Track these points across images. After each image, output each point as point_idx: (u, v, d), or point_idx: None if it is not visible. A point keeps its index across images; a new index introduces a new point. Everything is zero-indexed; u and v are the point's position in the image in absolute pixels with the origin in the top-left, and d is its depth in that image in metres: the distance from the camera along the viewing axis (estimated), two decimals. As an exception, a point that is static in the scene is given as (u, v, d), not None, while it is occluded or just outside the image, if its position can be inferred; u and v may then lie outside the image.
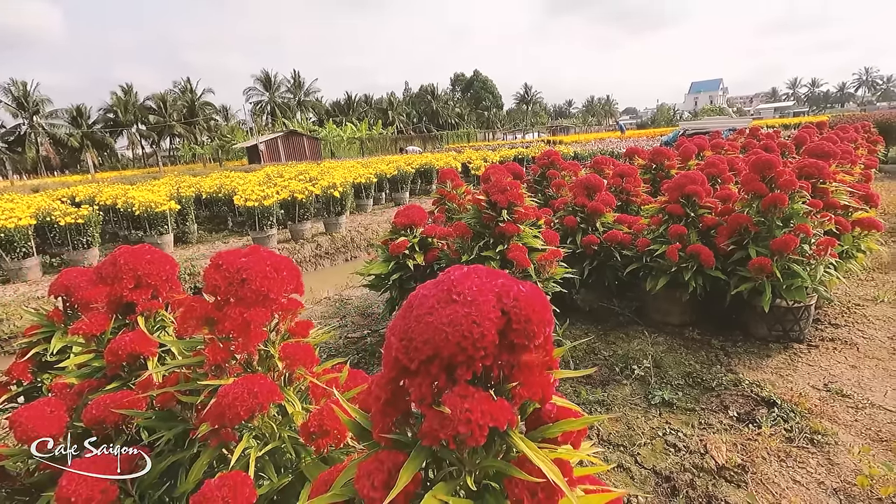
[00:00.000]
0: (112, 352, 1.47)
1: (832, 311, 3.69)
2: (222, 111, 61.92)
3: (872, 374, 2.81)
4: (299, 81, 63.32)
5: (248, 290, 1.22)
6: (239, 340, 1.22)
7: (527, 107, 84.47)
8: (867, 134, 9.42)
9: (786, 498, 1.93)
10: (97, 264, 1.64)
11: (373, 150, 42.47)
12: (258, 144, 34.12)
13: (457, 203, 4.44)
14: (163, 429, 1.29)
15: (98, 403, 1.36)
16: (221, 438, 1.20)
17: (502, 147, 23.90)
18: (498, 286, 0.72)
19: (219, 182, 10.87)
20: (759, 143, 7.30)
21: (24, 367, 1.92)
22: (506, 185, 3.05)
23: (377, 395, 0.76)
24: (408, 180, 12.67)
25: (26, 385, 1.95)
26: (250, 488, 1.04)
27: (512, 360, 0.73)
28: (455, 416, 0.66)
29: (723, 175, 4.03)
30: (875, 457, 2.13)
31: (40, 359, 1.95)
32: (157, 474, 1.24)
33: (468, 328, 0.67)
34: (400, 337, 0.71)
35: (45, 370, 1.96)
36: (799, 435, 2.30)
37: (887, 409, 2.47)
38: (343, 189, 8.86)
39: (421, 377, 0.71)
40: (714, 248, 3.25)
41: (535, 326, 0.70)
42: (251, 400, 1.12)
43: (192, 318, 1.23)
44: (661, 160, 5.30)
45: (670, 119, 69.50)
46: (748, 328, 3.35)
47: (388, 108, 65.74)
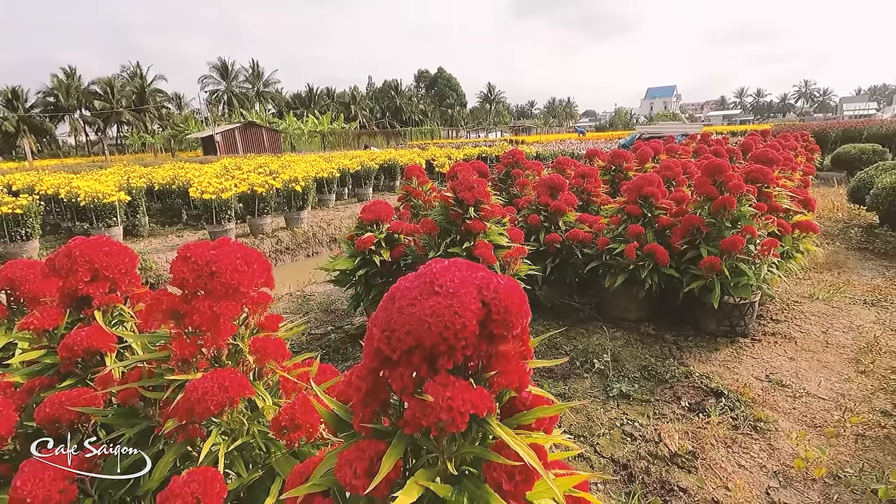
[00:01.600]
0: (67, 347, 1.40)
1: (773, 307, 3.95)
2: (175, 99, 59.28)
3: (808, 366, 3.03)
4: (258, 71, 61.45)
5: (218, 282, 1.20)
6: (208, 334, 1.19)
7: (490, 106, 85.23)
8: (806, 143, 10.06)
9: (732, 481, 2.06)
10: (50, 255, 1.56)
11: (335, 145, 41.73)
12: (214, 135, 32.83)
13: (423, 200, 4.45)
14: (124, 426, 1.24)
15: (52, 401, 1.30)
16: (188, 435, 1.17)
17: (466, 145, 24.04)
18: (478, 279, 0.74)
19: (172, 173, 10.42)
20: (709, 149, 7.68)
21: (-36, 365, 1.80)
22: (473, 183, 3.09)
23: (357, 385, 0.78)
24: (371, 176, 12.55)
25: (-35, 384, 1.83)
26: (220, 483, 1.03)
27: (491, 349, 0.75)
28: (437, 404, 0.68)
29: (677, 178, 4.22)
30: (810, 441, 2.30)
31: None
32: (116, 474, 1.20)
33: (450, 319, 0.69)
34: (382, 328, 0.73)
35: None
36: (744, 423, 2.46)
37: (821, 398, 2.67)
38: (305, 183, 8.69)
39: (403, 367, 0.72)
40: (669, 247, 3.40)
41: (513, 317, 0.73)
42: (221, 394, 1.09)
43: (158, 311, 1.19)
44: (619, 162, 5.49)
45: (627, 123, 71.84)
46: (699, 324, 3.53)
47: (351, 103, 64.72)
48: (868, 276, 4.64)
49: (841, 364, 3.03)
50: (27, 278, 1.83)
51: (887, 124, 17.35)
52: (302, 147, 40.10)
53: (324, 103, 64.71)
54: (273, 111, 59.84)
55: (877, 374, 2.88)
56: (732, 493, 1.99)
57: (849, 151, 11.73)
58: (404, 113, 69.10)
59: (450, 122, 72.42)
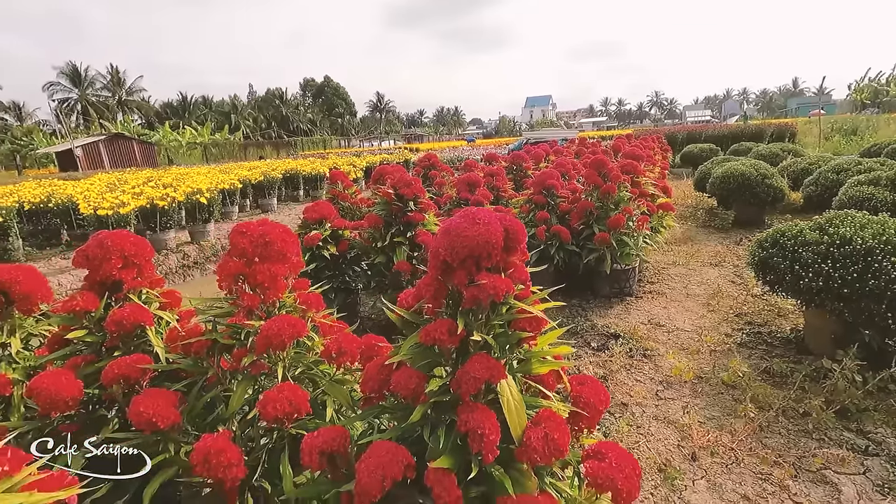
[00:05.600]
0: (116, 322, 1.63)
1: (648, 273, 4.93)
2: (13, 109, 51.44)
3: (676, 311, 3.94)
4: (119, 78, 55.46)
5: (272, 250, 1.55)
6: (268, 290, 1.53)
7: (380, 115, 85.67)
8: (661, 144, 12.01)
9: (632, 390, 2.77)
10: (81, 247, 1.74)
11: (218, 157, 39.13)
12: (74, 149, 29.14)
13: (350, 202, 4.80)
14: (199, 372, 1.53)
15: (119, 363, 1.53)
16: (259, 368, 1.50)
17: (363, 153, 24.21)
18: (499, 216, 1.23)
19: (45, 190, 9.38)
20: (587, 150, 8.94)
21: (-43, 367, 1.87)
22: (410, 181, 3.56)
23: (428, 287, 1.22)
24: (275, 186, 12.33)
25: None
26: (302, 391, 1.39)
27: (507, 257, 1.25)
28: (487, 285, 1.15)
29: (570, 172, 5.07)
30: (680, 359, 3.11)
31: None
32: (201, 406, 1.49)
33: (489, 237, 1.17)
34: (445, 246, 1.18)
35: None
36: (636, 353, 3.22)
37: (686, 331, 3.55)
38: (211, 195, 8.44)
39: (459, 269, 1.19)
40: (570, 228, 4.16)
41: (521, 237, 1.23)
42: (290, 330, 1.45)
43: (227, 273, 1.50)
44: (519, 163, 6.31)
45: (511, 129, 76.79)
46: (595, 289, 4.35)
47: (232, 112, 61.10)
48: (712, 246, 5.92)
49: (697, 307, 3.99)
50: (18, 280, 1.95)
51: (720, 128, 20.99)
52: (181, 160, 37.07)
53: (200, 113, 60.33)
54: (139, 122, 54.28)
55: (721, 311, 3.86)
56: (633, 397, 2.70)
57: (692, 150, 14.10)
58: (291, 122, 66.78)
59: (340, 132, 71.43)
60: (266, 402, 1.33)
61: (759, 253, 3.14)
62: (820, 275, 2.73)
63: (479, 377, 1.11)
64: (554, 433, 1.10)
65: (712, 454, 2.22)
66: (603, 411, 1.32)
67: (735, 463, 2.16)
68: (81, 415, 1.59)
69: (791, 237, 3.00)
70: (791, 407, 2.50)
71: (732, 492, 1.99)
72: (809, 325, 3.16)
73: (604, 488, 1.12)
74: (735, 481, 2.05)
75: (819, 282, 2.72)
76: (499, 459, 1.13)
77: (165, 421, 1.32)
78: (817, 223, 3.03)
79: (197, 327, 1.60)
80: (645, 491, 2.02)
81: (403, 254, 3.44)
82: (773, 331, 3.42)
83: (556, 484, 1.21)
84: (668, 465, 2.16)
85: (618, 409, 2.63)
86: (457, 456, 1.13)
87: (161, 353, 1.67)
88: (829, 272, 2.69)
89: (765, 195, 6.53)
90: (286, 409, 1.32)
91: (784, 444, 2.25)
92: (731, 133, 18.84)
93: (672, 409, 2.60)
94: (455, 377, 1.14)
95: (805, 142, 17.21)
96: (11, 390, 1.82)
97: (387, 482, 1.05)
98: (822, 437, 2.29)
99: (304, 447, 1.21)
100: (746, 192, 6.62)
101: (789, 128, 18.85)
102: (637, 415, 2.56)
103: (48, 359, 1.73)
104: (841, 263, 2.69)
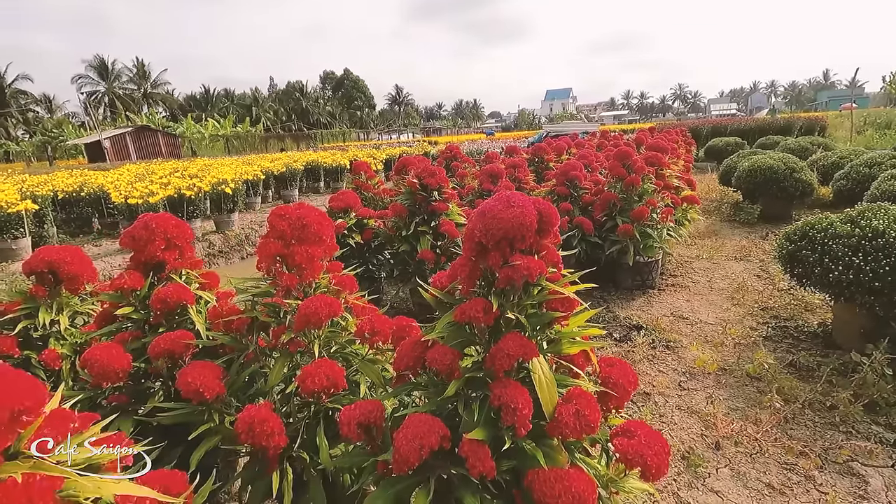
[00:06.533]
0: (160, 299, 1.71)
1: (671, 266, 4.89)
2: (44, 101, 52.85)
3: (699, 304, 3.91)
4: (145, 71, 56.52)
5: (309, 232, 1.60)
6: (305, 271, 1.59)
7: (399, 108, 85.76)
8: (684, 137, 11.79)
9: (655, 380, 2.78)
10: (128, 228, 1.82)
11: (239, 149, 39.63)
12: (102, 141, 29.92)
13: (372, 192, 4.87)
14: (240, 348, 1.60)
15: (165, 338, 1.62)
16: (297, 346, 1.56)
17: (382, 146, 24.32)
18: (533, 200, 1.26)
19: (79, 180, 9.69)
20: (609, 143, 8.85)
21: (12, 342, 1.97)
22: (434, 171, 3.60)
23: (462, 268, 1.26)
24: (297, 178, 12.51)
25: (16, 359, 2.00)
26: (339, 367, 1.45)
27: (540, 240, 1.28)
28: (521, 266, 1.19)
29: (592, 164, 5.04)
30: (704, 350, 3.10)
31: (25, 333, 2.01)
32: (242, 381, 1.56)
33: (523, 220, 1.20)
34: (480, 228, 1.22)
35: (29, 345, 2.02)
36: (659, 344, 3.22)
37: (709, 323, 3.53)
38: (235, 185, 8.61)
39: (494, 251, 1.22)
40: (592, 219, 4.16)
41: (553, 220, 1.26)
42: (327, 309, 1.51)
43: (267, 254, 1.57)
44: (541, 155, 6.29)
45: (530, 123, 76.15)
46: (617, 281, 4.34)
47: (253, 105, 61.84)
48: (737, 240, 5.83)
49: (721, 301, 3.96)
50: (66, 261, 2.04)
51: (746, 122, 20.51)
52: (203, 152, 37.72)
53: (223, 106, 61.17)
54: (164, 114, 55.31)
55: (745, 305, 3.82)
56: (656, 387, 2.70)
57: (717, 144, 13.83)
58: (311, 115, 67.30)
59: (359, 125, 71.69)
60: (305, 376, 1.39)
61: (787, 246, 3.10)
62: (850, 268, 2.69)
63: (512, 354, 1.15)
64: (585, 409, 1.13)
65: (736, 444, 2.22)
66: (632, 392, 1.35)
67: (759, 453, 2.16)
68: (129, 386, 1.68)
69: (821, 230, 2.96)
70: (818, 400, 2.48)
71: (756, 480, 2.00)
72: (838, 319, 3.11)
73: (633, 464, 1.15)
74: (759, 470, 2.05)
75: (849, 275, 2.68)
76: (529, 434, 1.17)
77: (211, 392, 1.39)
78: (848, 216, 2.98)
79: (234, 307, 1.67)
80: (668, 477, 2.04)
81: (427, 242, 3.49)
82: (799, 325, 3.38)
83: (586, 459, 1.25)
84: (691, 452, 2.17)
85: (641, 398, 2.64)
86: (489, 429, 1.17)
87: (202, 329, 1.74)
88: (859, 265, 2.65)
89: (793, 189, 6.39)
90: (324, 383, 1.38)
91: (810, 436, 2.25)
92: (758, 127, 18.38)
93: (695, 399, 2.60)
94: (489, 354, 1.19)
95: (836, 136, 16.70)
96: (60, 364, 1.93)
97: (424, 451, 1.10)
98: (849, 429, 2.27)
99: (343, 418, 1.26)
100: (773, 186, 6.49)
101: (819, 121, 18.31)
102: (660, 404, 2.57)
103: (97, 334, 1.82)
104: (872, 256, 2.64)
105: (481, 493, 1.17)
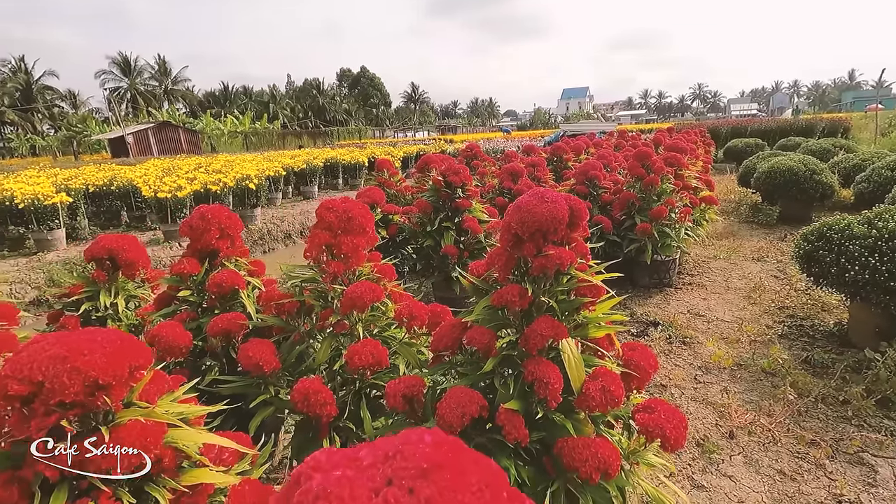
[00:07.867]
0: (216, 284, 1.87)
1: (689, 265, 4.96)
2: (69, 97, 54.08)
3: (716, 303, 3.99)
4: (166, 68, 57.52)
5: (355, 224, 1.75)
6: (351, 259, 1.73)
7: (415, 106, 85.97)
8: (703, 138, 11.74)
9: (672, 374, 2.88)
10: (186, 218, 1.99)
11: (258, 146, 40.13)
12: (125, 136, 30.59)
13: (395, 189, 5.01)
14: (288, 329, 1.75)
15: (222, 319, 1.78)
16: (342, 328, 1.71)
17: (398, 143, 24.52)
18: (565, 196, 1.38)
19: (109, 174, 10.03)
20: (627, 143, 8.88)
21: (76, 321, 2.15)
22: (458, 169, 3.73)
23: (499, 257, 1.39)
24: (317, 174, 12.74)
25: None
26: (382, 346, 1.59)
27: (570, 233, 1.40)
28: (554, 256, 1.31)
29: (611, 164, 5.12)
30: (720, 346, 3.19)
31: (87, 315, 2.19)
32: (293, 358, 1.71)
33: (556, 214, 1.33)
34: (517, 221, 1.35)
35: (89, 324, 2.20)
36: (675, 340, 3.32)
37: (725, 321, 3.61)
38: (259, 181, 8.84)
39: (529, 242, 1.35)
40: (611, 218, 4.25)
41: (583, 214, 1.38)
42: (371, 294, 1.65)
43: (317, 244, 1.71)
44: (560, 154, 6.38)
45: (546, 122, 75.79)
46: (635, 279, 4.42)
47: (271, 102, 62.52)
48: (754, 241, 5.86)
49: (738, 300, 4.02)
50: (124, 248, 2.21)
51: (766, 123, 20.25)
52: (222, 148, 38.26)
53: (241, 102, 61.97)
54: (184, 110, 56.24)
55: (762, 304, 3.88)
56: (672, 379, 2.81)
57: (736, 145, 13.73)
58: (328, 112, 67.78)
59: (375, 122, 72.04)
60: (353, 353, 1.54)
61: (805, 246, 3.17)
62: (866, 268, 2.75)
63: (545, 334, 1.28)
64: (610, 386, 1.26)
65: (749, 433, 2.32)
66: (652, 374, 1.47)
67: (772, 442, 2.25)
68: (189, 362, 1.84)
69: (838, 230, 3.02)
70: (831, 395, 2.56)
71: (769, 467, 2.10)
72: (854, 318, 3.17)
73: (654, 435, 1.27)
74: (772, 458, 2.15)
75: (865, 275, 2.75)
76: (559, 408, 1.30)
77: (269, 365, 1.54)
78: (866, 217, 3.04)
79: (285, 292, 1.82)
80: (683, 462, 2.15)
81: (451, 238, 3.62)
82: (815, 324, 3.44)
83: (610, 432, 1.37)
84: (706, 440, 2.28)
85: (657, 389, 2.75)
86: (523, 402, 1.30)
87: (252, 312, 1.90)
88: (875, 265, 2.72)
89: (812, 191, 6.38)
90: (369, 360, 1.52)
91: (822, 428, 2.33)
92: (779, 127, 18.15)
93: (710, 392, 2.70)
94: (523, 334, 1.31)
95: (860, 138, 16.43)
96: (121, 343, 2.10)
97: (465, 418, 1.24)
98: (861, 423, 2.35)
99: (389, 391, 1.40)
100: (793, 188, 6.49)
101: (842, 123, 17.99)
102: (676, 396, 2.67)
103: (155, 315, 1.99)
104: (889, 257, 2.70)
105: (514, 460, 1.30)
